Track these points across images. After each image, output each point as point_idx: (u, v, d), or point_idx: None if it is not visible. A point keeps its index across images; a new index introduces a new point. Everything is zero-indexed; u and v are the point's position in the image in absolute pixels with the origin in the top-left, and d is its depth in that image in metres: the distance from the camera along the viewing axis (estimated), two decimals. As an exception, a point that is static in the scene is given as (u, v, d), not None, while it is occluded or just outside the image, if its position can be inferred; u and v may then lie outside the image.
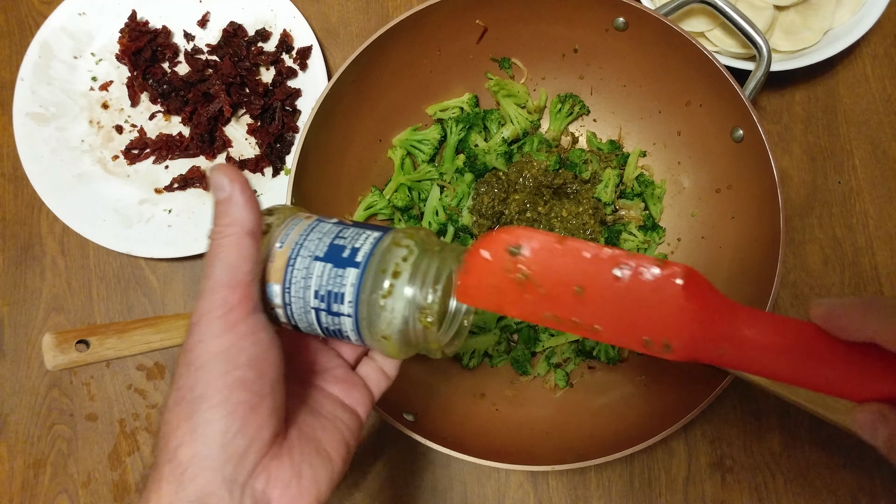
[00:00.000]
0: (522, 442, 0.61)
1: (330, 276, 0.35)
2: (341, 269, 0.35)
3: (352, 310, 0.35)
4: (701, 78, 0.61)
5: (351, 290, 0.35)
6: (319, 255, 0.36)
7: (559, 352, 0.66)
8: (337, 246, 0.36)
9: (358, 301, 0.35)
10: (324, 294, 0.35)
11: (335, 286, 0.35)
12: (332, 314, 0.35)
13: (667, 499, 0.66)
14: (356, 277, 0.35)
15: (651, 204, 0.69)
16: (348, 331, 0.36)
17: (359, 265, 0.35)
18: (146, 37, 0.74)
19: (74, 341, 0.46)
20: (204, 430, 0.31)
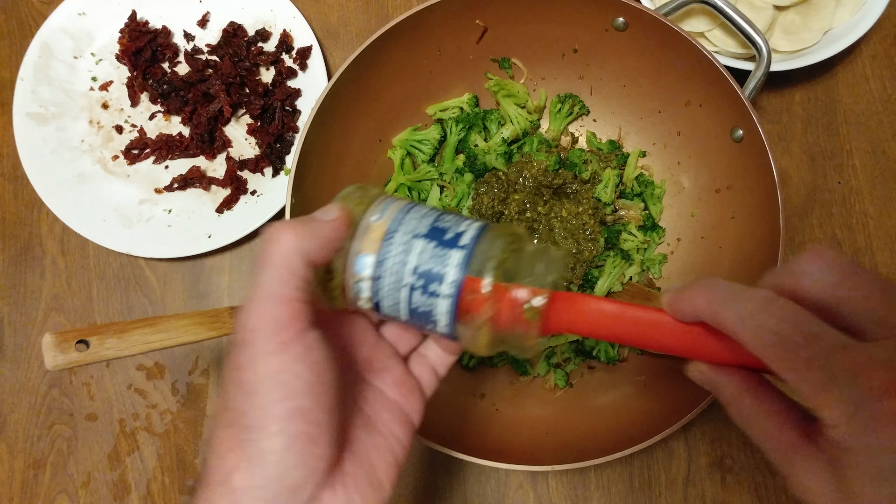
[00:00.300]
0: (522, 442, 0.61)
1: (432, 254, 0.34)
2: (445, 249, 0.34)
3: (453, 290, 0.33)
4: (701, 78, 0.61)
5: (454, 271, 0.33)
6: (422, 232, 0.34)
7: (559, 352, 0.66)
8: (439, 228, 0.35)
9: (460, 283, 0.33)
10: (423, 271, 0.34)
11: (437, 265, 0.33)
12: (428, 293, 0.34)
13: (667, 499, 0.66)
14: (461, 259, 0.33)
15: (651, 204, 0.69)
16: (439, 314, 0.34)
17: (464, 248, 0.34)
18: (146, 37, 0.74)
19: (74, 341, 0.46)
20: (259, 460, 0.29)
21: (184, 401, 0.68)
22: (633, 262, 0.67)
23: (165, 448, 0.67)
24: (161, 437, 0.67)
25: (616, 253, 0.67)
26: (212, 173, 0.73)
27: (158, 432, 0.67)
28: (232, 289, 0.71)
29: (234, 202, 0.71)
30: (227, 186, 0.72)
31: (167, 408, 0.68)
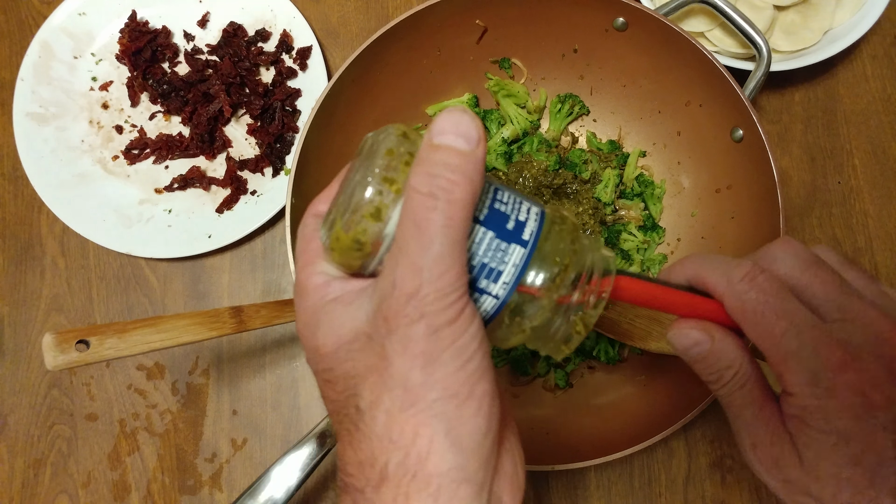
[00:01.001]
0: (522, 442, 0.61)
1: (490, 246, 0.30)
2: (506, 242, 0.30)
3: (505, 292, 0.30)
4: (701, 78, 0.61)
5: (512, 270, 0.30)
6: (480, 217, 0.30)
7: (559, 352, 0.66)
8: (498, 212, 0.30)
9: (515, 286, 0.30)
10: (476, 265, 0.30)
11: (494, 261, 0.30)
12: (478, 290, 0.30)
13: (667, 499, 0.66)
14: (521, 258, 0.30)
15: (651, 204, 0.69)
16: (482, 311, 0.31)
17: (526, 244, 0.30)
18: (146, 37, 0.74)
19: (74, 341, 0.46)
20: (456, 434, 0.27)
21: (184, 401, 0.68)
22: (633, 262, 0.67)
23: (165, 448, 0.67)
24: (161, 437, 0.67)
25: (616, 253, 0.67)
26: (212, 173, 0.73)
27: (158, 432, 0.67)
28: (232, 289, 0.71)
29: (234, 202, 0.71)
30: (227, 186, 0.72)
31: (167, 408, 0.68)
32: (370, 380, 0.28)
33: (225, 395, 0.68)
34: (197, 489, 0.66)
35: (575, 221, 0.32)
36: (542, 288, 0.30)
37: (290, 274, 0.57)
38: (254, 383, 0.68)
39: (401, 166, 0.29)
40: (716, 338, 0.34)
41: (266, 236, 0.72)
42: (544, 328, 0.31)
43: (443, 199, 0.26)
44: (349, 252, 0.29)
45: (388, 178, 0.28)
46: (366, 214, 0.28)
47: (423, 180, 0.27)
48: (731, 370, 0.33)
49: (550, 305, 0.30)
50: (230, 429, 0.68)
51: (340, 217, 0.29)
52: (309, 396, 0.68)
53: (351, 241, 0.29)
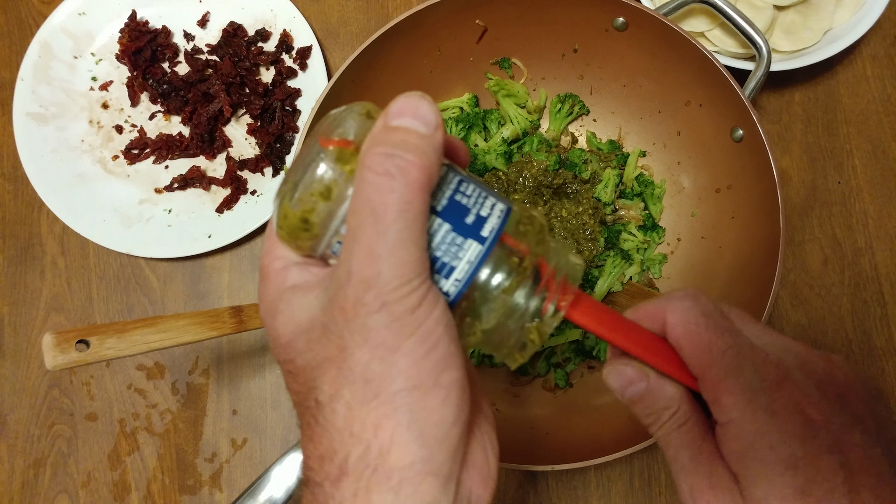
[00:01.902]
0: (522, 442, 0.61)
1: (445, 239, 0.28)
2: (462, 237, 0.28)
3: (456, 289, 0.28)
4: (701, 78, 0.61)
5: (466, 267, 0.28)
6: (437, 207, 0.28)
7: (559, 351, 0.66)
8: (459, 204, 0.28)
9: (467, 284, 0.28)
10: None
11: (448, 255, 0.28)
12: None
13: (667, 498, 0.66)
14: (477, 256, 0.28)
15: (651, 204, 0.69)
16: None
17: (483, 241, 0.28)
18: (146, 37, 0.74)
19: (74, 341, 0.46)
20: (420, 426, 0.26)
21: (184, 401, 0.68)
22: (633, 261, 0.67)
23: (165, 448, 0.67)
24: (161, 437, 0.67)
25: (616, 253, 0.67)
26: (212, 173, 0.73)
27: (158, 432, 0.67)
28: (232, 289, 0.71)
29: (234, 202, 0.71)
30: (227, 186, 0.72)
31: (167, 408, 0.68)
32: (330, 372, 0.27)
33: (225, 395, 0.68)
34: (197, 489, 0.66)
35: (543, 223, 0.31)
36: (495, 289, 0.28)
37: (290, 274, 0.57)
38: (254, 383, 0.68)
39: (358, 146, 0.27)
40: (651, 377, 0.32)
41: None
42: (497, 332, 0.29)
43: (400, 179, 0.25)
44: (296, 231, 0.28)
45: (343, 157, 0.27)
46: (315, 192, 0.27)
47: (379, 160, 0.25)
48: (668, 410, 0.32)
49: (504, 309, 0.29)
50: (230, 429, 0.68)
51: (290, 194, 0.28)
52: (309, 396, 0.68)
53: (298, 219, 0.27)
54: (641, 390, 0.32)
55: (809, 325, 0.69)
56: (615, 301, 0.66)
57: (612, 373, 0.33)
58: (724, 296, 0.63)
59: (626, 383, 0.33)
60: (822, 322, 0.69)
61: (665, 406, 0.32)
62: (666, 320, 0.32)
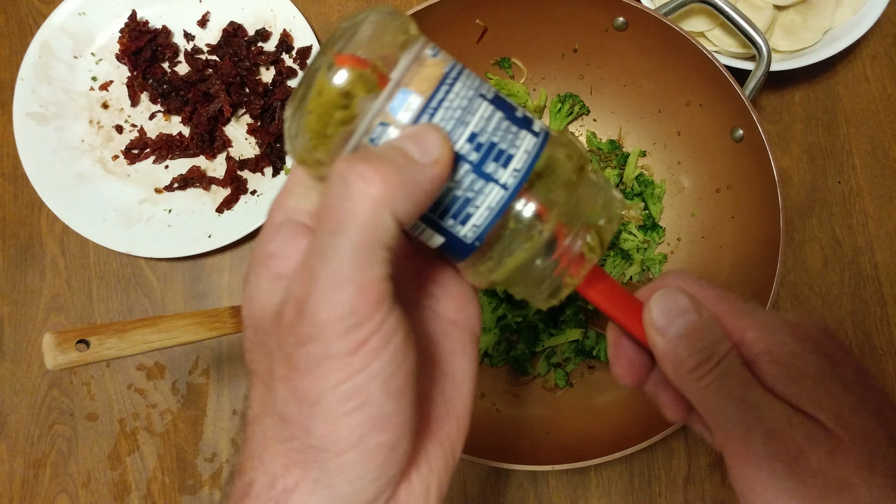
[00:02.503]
0: (522, 442, 0.61)
1: (500, 126, 0.25)
2: (516, 127, 0.26)
3: (474, 235, 0.25)
4: (701, 78, 0.61)
5: (524, 157, 0.25)
6: (488, 95, 0.26)
7: (559, 351, 0.66)
8: (505, 101, 0.26)
9: (485, 232, 0.25)
10: (485, 143, 0.25)
11: (505, 142, 0.25)
12: (481, 173, 0.25)
13: (667, 498, 0.66)
14: (534, 147, 0.26)
15: (651, 204, 0.69)
16: (485, 205, 0.26)
17: (538, 135, 0.26)
18: (146, 37, 0.74)
19: (74, 341, 0.46)
20: (328, 481, 0.23)
21: (184, 401, 0.68)
22: (633, 261, 0.67)
23: (165, 448, 0.67)
24: (161, 437, 0.67)
25: (616, 253, 0.67)
26: (212, 173, 0.73)
27: (158, 432, 0.67)
28: (232, 289, 0.71)
29: (234, 202, 0.71)
30: (227, 186, 0.72)
31: (167, 408, 0.68)
32: (259, 389, 0.25)
33: (225, 395, 0.68)
34: (197, 489, 0.66)
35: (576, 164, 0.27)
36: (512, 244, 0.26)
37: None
38: (254, 383, 0.68)
39: None
40: (704, 310, 0.29)
41: (266, 236, 0.72)
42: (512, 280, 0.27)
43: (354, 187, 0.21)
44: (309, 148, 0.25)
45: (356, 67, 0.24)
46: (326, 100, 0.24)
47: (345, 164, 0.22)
48: (725, 343, 0.28)
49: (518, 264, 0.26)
50: (230, 428, 0.68)
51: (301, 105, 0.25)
52: (309, 396, 0.68)
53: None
54: (694, 321, 0.28)
55: (809, 324, 0.69)
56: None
57: (662, 298, 0.29)
58: (724, 296, 0.63)
59: (677, 311, 0.29)
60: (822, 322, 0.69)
61: (721, 339, 0.28)
62: None
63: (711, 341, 0.28)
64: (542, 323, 0.65)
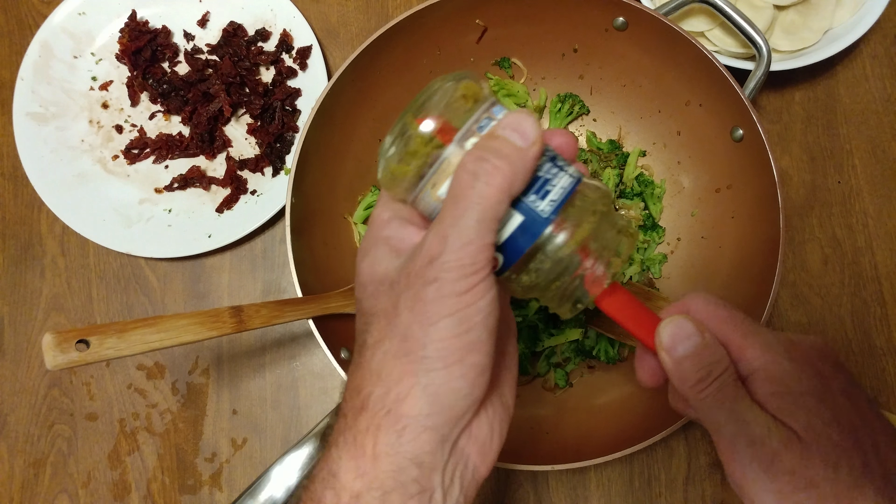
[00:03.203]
0: (522, 442, 0.61)
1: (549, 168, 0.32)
2: (564, 161, 0.33)
3: (578, 175, 0.33)
4: (701, 78, 0.61)
5: (575, 171, 0.33)
6: None
7: (559, 351, 0.66)
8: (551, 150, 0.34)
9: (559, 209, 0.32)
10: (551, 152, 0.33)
11: (562, 161, 0.33)
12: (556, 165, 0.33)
13: (667, 498, 0.66)
14: (578, 172, 0.33)
15: (651, 203, 0.69)
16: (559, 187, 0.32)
17: (577, 172, 0.33)
18: (146, 37, 0.74)
19: (74, 341, 0.46)
20: (434, 389, 0.30)
21: (184, 400, 0.68)
22: (633, 261, 0.67)
23: (165, 448, 0.67)
24: (161, 437, 0.67)
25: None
26: (212, 173, 0.73)
27: (158, 432, 0.67)
28: (232, 288, 0.71)
29: (234, 202, 0.71)
30: (227, 186, 0.72)
31: (167, 407, 0.68)
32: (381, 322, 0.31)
33: (225, 395, 0.68)
34: (197, 489, 0.66)
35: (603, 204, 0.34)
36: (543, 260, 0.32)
37: (289, 273, 0.58)
38: (254, 383, 0.68)
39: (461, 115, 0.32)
40: (707, 332, 0.34)
41: (266, 236, 0.72)
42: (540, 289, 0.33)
43: (482, 180, 0.29)
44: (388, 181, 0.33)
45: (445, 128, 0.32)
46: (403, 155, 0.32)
47: (471, 160, 0.30)
48: (721, 364, 0.34)
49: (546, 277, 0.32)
50: (230, 428, 0.68)
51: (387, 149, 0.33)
52: (309, 396, 0.68)
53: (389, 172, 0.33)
54: (697, 344, 0.34)
55: (809, 324, 0.69)
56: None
57: (670, 324, 0.34)
58: (724, 296, 0.62)
59: (683, 336, 0.34)
60: (822, 322, 0.69)
61: (718, 360, 0.34)
62: (689, 310, 0.36)
63: (710, 362, 0.34)
64: (542, 323, 0.65)
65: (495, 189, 0.29)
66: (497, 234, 0.31)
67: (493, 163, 0.29)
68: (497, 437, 0.34)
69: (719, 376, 0.33)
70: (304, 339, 0.69)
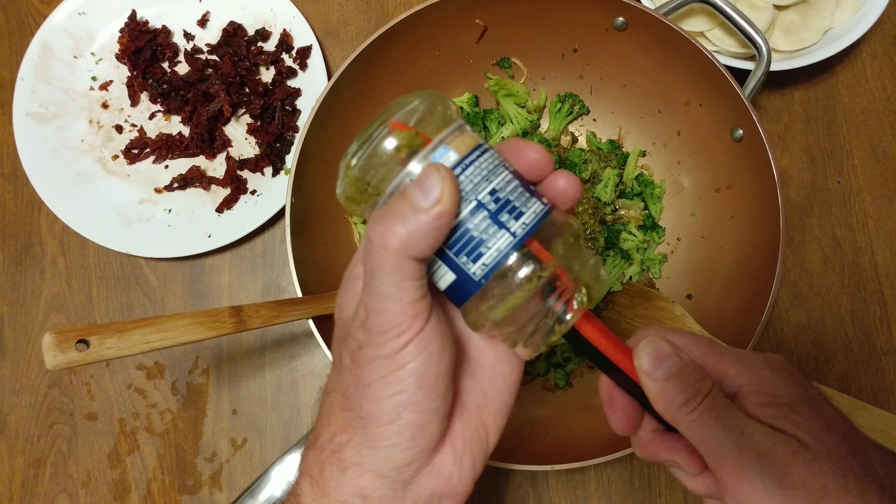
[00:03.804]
0: (522, 442, 0.61)
1: (516, 190, 0.31)
2: (529, 194, 0.31)
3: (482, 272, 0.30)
4: (701, 78, 0.61)
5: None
6: (510, 168, 0.32)
7: (559, 351, 0.66)
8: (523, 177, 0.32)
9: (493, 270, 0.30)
10: (502, 198, 0.31)
11: (518, 202, 0.31)
12: (495, 220, 0.30)
13: (667, 498, 0.66)
14: (542, 211, 0.31)
15: (651, 203, 0.69)
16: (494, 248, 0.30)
17: (546, 205, 0.32)
18: (146, 36, 0.74)
19: (74, 341, 0.46)
20: (370, 443, 0.31)
21: (184, 400, 0.68)
22: (633, 261, 0.67)
23: (165, 448, 0.67)
24: (161, 437, 0.67)
25: (616, 252, 0.67)
26: (212, 173, 0.73)
27: (158, 432, 0.67)
28: (232, 288, 0.71)
29: (234, 202, 0.71)
30: (227, 186, 0.72)
31: (167, 407, 0.68)
32: (334, 372, 0.33)
33: (225, 395, 0.68)
34: (197, 489, 0.66)
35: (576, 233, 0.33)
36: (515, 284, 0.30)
37: (289, 273, 0.58)
38: (254, 383, 0.68)
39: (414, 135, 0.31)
40: (684, 354, 0.33)
41: (266, 236, 0.72)
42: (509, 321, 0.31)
43: (376, 244, 0.29)
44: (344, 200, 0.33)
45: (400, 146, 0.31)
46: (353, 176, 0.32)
47: (370, 224, 0.30)
48: (707, 381, 0.32)
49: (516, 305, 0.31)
50: (230, 428, 0.68)
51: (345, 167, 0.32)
52: (309, 396, 0.68)
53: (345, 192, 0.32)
54: (677, 364, 0.33)
55: (809, 324, 0.69)
56: (615, 301, 0.66)
57: (648, 346, 0.33)
58: (724, 295, 0.63)
59: (662, 356, 0.33)
60: (822, 322, 0.69)
61: (703, 377, 0.33)
62: None
63: (695, 379, 0.32)
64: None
65: (390, 253, 0.28)
66: (417, 290, 0.30)
67: (386, 225, 0.29)
68: (468, 471, 0.33)
69: (708, 393, 0.32)
70: (304, 339, 0.69)
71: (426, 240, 0.29)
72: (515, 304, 0.31)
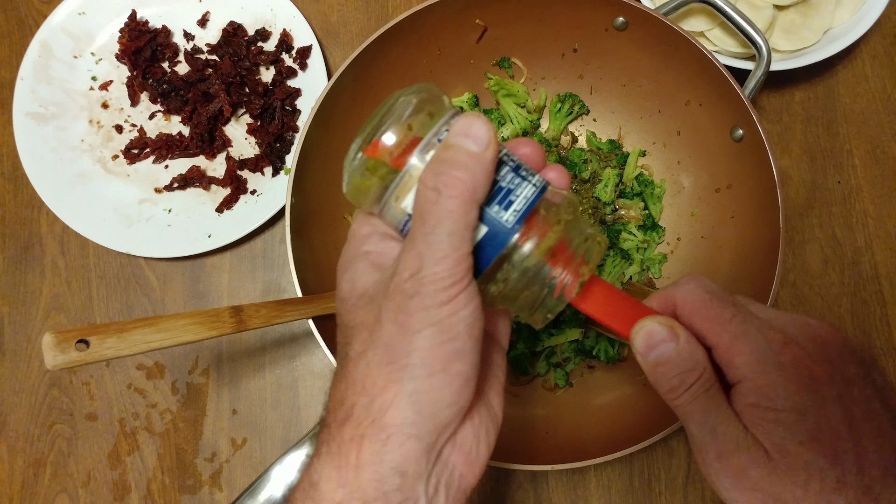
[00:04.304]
0: (522, 442, 0.61)
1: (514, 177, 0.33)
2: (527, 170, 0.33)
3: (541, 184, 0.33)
4: (701, 78, 0.61)
5: (540, 180, 0.33)
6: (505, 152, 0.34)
7: (559, 351, 0.66)
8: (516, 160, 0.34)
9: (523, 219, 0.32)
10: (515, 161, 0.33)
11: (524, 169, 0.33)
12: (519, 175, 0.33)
13: (667, 498, 0.66)
14: (542, 182, 0.33)
15: (651, 203, 0.69)
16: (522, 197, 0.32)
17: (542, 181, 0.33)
18: (146, 36, 0.74)
19: (74, 341, 0.46)
20: (419, 397, 0.30)
21: (184, 400, 0.68)
22: (633, 261, 0.67)
23: (165, 448, 0.67)
24: (161, 437, 0.67)
25: (616, 252, 0.67)
26: (212, 173, 0.73)
27: (158, 432, 0.67)
28: (232, 288, 0.71)
29: (234, 202, 0.71)
30: (227, 186, 0.72)
31: (167, 407, 0.68)
32: (363, 334, 0.32)
33: (225, 395, 0.68)
34: (197, 489, 0.66)
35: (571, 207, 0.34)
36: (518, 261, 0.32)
37: (289, 273, 0.58)
38: (254, 383, 0.68)
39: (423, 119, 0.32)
40: (682, 337, 0.33)
41: (266, 236, 0.72)
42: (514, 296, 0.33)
43: (444, 194, 0.29)
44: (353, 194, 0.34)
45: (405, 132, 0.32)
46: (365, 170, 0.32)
47: (430, 176, 0.30)
48: (695, 372, 0.33)
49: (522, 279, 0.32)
50: (230, 428, 0.68)
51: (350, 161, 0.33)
52: (309, 396, 0.68)
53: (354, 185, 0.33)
54: (670, 351, 0.33)
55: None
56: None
57: (641, 331, 0.34)
58: (724, 295, 0.63)
59: (655, 342, 0.34)
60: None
61: (692, 368, 0.33)
62: (675, 304, 0.35)
63: (684, 370, 0.33)
64: (542, 323, 0.65)
65: (459, 200, 0.30)
66: (471, 241, 0.31)
67: (451, 174, 0.30)
68: (484, 447, 0.34)
69: (691, 386, 0.33)
70: (304, 339, 0.70)
71: (486, 182, 0.31)
72: (516, 282, 0.32)
